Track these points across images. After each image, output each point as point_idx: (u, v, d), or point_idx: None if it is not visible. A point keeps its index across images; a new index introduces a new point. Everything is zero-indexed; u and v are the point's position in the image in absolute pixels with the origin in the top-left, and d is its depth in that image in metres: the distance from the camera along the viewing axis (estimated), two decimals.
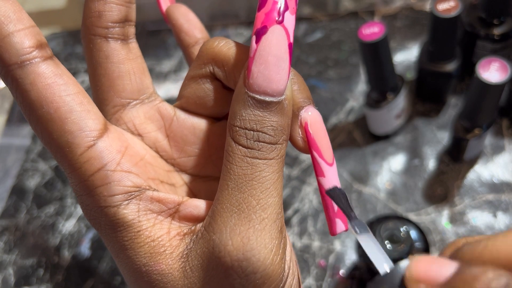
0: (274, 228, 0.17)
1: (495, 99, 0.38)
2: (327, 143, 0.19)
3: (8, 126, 0.57)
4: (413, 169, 0.46)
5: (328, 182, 0.18)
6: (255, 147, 0.17)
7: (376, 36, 0.38)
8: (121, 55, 0.20)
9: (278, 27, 0.17)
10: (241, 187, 0.17)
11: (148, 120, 0.21)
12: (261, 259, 0.17)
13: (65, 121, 0.17)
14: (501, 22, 0.44)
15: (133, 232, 0.18)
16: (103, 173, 0.17)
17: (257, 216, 0.17)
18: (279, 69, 0.17)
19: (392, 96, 0.43)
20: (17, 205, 0.50)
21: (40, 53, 0.17)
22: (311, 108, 0.18)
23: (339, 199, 0.18)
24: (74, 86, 0.17)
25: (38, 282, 0.45)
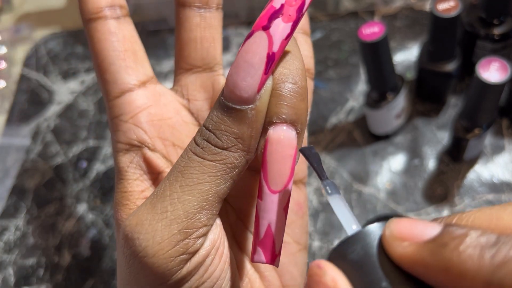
0: (174, 225, 0.16)
1: (495, 99, 0.38)
2: (282, 169, 0.17)
3: (8, 126, 0.57)
4: (413, 169, 0.46)
5: (263, 209, 0.17)
6: (200, 144, 0.17)
7: (376, 36, 0.38)
8: (193, 23, 0.21)
9: (261, 34, 0.16)
10: (170, 175, 0.17)
11: (201, 89, 0.22)
12: (142, 245, 0.16)
13: (105, 71, 0.20)
14: (501, 22, 0.44)
15: (119, 177, 0.21)
16: (117, 120, 0.21)
17: (162, 206, 0.17)
18: (247, 76, 0.16)
19: (392, 96, 0.43)
20: (17, 205, 0.50)
21: (108, 12, 0.20)
22: (286, 128, 0.17)
23: (312, 159, 0.17)
24: (125, 45, 0.20)
25: (38, 282, 0.45)
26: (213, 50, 0.22)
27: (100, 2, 0.20)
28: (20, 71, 0.62)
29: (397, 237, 0.14)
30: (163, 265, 0.16)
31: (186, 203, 0.17)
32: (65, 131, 0.55)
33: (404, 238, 0.13)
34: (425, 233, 0.13)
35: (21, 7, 0.69)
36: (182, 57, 0.22)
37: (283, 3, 0.16)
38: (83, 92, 0.58)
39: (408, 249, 0.13)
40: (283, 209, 0.17)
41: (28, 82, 0.60)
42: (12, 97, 0.60)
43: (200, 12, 0.21)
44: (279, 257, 0.17)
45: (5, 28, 0.66)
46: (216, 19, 0.22)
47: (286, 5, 0.16)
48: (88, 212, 0.48)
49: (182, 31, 0.21)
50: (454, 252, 0.12)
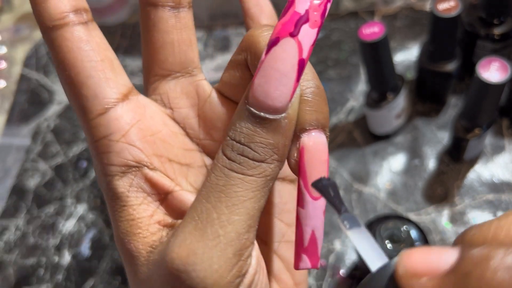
0: (228, 249, 0.16)
1: (495, 99, 0.38)
2: (320, 175, 0.17)
3: (8, 126, 0.57)
4: (413, 169, 0.46)
5: (306, 217, 0.17)
6: (236, 160, 0.16)
7: (376, 36, 0.38)
8: (168, 24, 0.20)
9: (290, 40, 0.16)
10: (209, 196, 0.16)
11: (184, 95, 0.21)
12: (200, 276, 0.16)
13: (82, 86, 0.18)
14: (501, 22, 0.44)
15: (120, 205, 0.18)
16: (106, 141, 0.18)
17: (212, 231, 0.16)
18: (280, 85, 0.16)
19: (392, 96, 0.43)
20: (17, 205, 0.50)
21: (74, 17, 0.17)
22: (317, 133, 0.17)
23: (326, 191, 0.17)
24: (100, 54, 0.18)
25: (38, 282, 0.45)
26: (191, 53, 0.20)
27: (63, 6, 0.17)
28: (20, 71, 0.62)
29: (413, 274, 0.12)
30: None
31: (236, 224, 0.16)
32: (65, 131, 0.55)
33: (421, 273, 0.12)
34: (441, 262, 0.12)
35: (21, 7, 0.69)
36: (157, 62, 0.20)
37: (307, 8, 0.16)
38: None
39: (428, 285, 0.12)
40: (323, 213, 0.17)
41: (28, 82, 0.60)
42: (12, 97, 0.60)
43: (174, 12, 0.20)
44: (320, 260, 0.18)
45: (5, 28, 0.66)
46: (191, 19, 0.20)
47: (311, 11, 0.16)
48: (88, 212, 0.48)
49: (155, 34, 0.20)
50: (482, 281, 0.11)
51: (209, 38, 0.59)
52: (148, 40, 0.20)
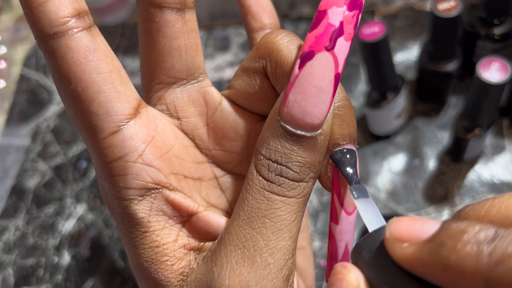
0: (279, 276, 0.15)
1: (496, 99, 0.38)
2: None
3: (8, 126, 0.57)
4: (414, 169, 0.46)
5: (341, 232, 0.17)
6: (275, 181, 0.16)
7: (376, 36, 0.38)
8: (175, 29, 0.18)
9: (326, 54, 0.15)
10: (252, 222, 0.16)
11: (191, 104, 0.19)
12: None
13: (91, 102, 0.16)
14: (502, 22, 0.43)
15: (141, 231, 0.17)
16: (122, 163, 0.16)
17: (262, 260, 0.15)
18: (318, 101, 0.15)
19: (392, 96, 0.43)
20: (16, 205, 0.50)
21: (77, 23, 0.15)
22: (349, 147, 0.17)
23: (341, 163, 0.16)
24: (108, 64, 0.16)
25: (37, 282, 0.45)
26: (197, 58, 0.19)
27: (65, 10, 0.15)
28: (19, 71, 0.62)
29: (396, 238, 0.13)
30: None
31: (283, 250, 0.16)
32: (65, 131, 0.55)
33: (403, 239, 0.13)
34: (423, 232, 0.13)
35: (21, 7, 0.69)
36: (163, 70, 0.18)
37: (341, 20, 0.15)
38: None
39: (407, 250, 0.13)
40: (354, 227, 0.17)
41: (28, 82, 0.60)
42: (12, 97, 0.60)
43: (181, 14, 0.18)
44: None
45: (4, 28, 0.66)
46: (195, 21, 0.19)
47: (345, 23, 0.15)
48: (88, 212, 0.48)
49: (161, 39, 0.18)
50: (452, 251, 0.12)
51: (209, 38, 0.58)
52: (152, 45, 0.18)
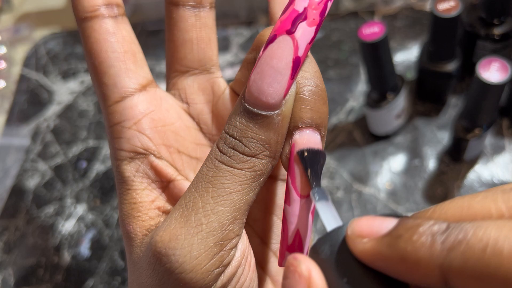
0: (210, 238, 0.16)
1: (495, 99, 0.38)
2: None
3: (8, 126, 0.57)
4: (413, 169, 0.46)
5: (292, 214, 0.17)
6: (227, 153, 0.17)
7: (376, 36, 0.38)
8: (188, 23, 0.20)
9: (287, 38, 0.16)
10: (198, 186, 0.17)
11: (200, 92, 0.21)
12: (179, 261, 0.16)
13: (103, 74, 0.19)
14: (501, 22, 0.43)
15: (125, 188, 0.19)
16: (119, 127, 0.19)
17: (196, 219, 0.16)
18: (274, 82, 0.16)
19: (392, 96, 0.43)
20: (16, 205, 0.50)
21: (104, 11, 0.19)
22: (311, 132, 0.17)
23: (305, 162, 0.17)
24: (124, 46, 0.19)
25: (37, 282, 0.45)
26: (209, 51, 0.21)
27: (96, 1, 0.19)
28: (19, 71, 0.62)
29: (357, 234, 0.14)
30: (201, 280, 0.16)
31: (219, 214, 0.16)
32: (65, 131, 0.55)
33: (364, 235, 0.14)
34: (382, 228, 0.14)
35: (21, 7, 0.69)
36: (177, 59, 0.21)
37: (306, 6, 0.16)
38: (82, 92, 0.58)
39: (367, 245, 0.14)
40: (311, 213, 0.17)
41: (28, 82, 0.60)
42: (12, 97, 0.60)
43: (195, 11, 0.21)
44: None
45: (5, 28, 0.66)
46: (211, 19, 0.21)
47: (309, 9, 0.16)
48: (88, 213, 0.48)
49: (176, 32, 0.21)
50: (408, 242, 0.13)
51: None
52: (170, 38, 0.21)
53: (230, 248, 0.17)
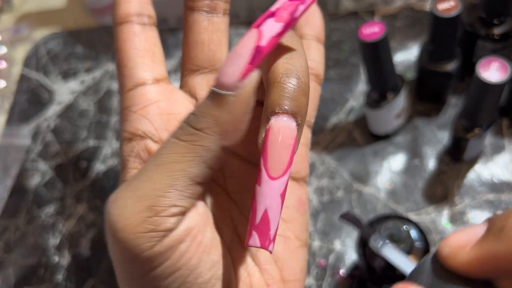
0: (142, 202, 0.17)
1: (495, 99, 0.38)
2: (282, 157, 0.17)
3: (8, 126, 0.57)
4: (413, 169, 0.46)
5: (261, 194, 0.17)
6: (180, 126, 0.18)
7: (376, 36, 0.38)
8: (201, 26, 0.22)
9: (253, 30, 0.17)
10: (151, 157, 0.18)
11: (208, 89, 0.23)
12: (114, 220, 0.17)
13: (124, 66, 0.22)
14: (501, 22, 0.44)
15: (121, 167, 0.21)
16: (127, 111, 0.21)
17: (133, 184, 0.18)
18: (233, 64, 0.17)
19: (392, 96, 0.43)
20: (17, 205, 0.50)
21: (136, 19, 0.22)
22: (287, 119, 0.17)
23: (355, 222, 0.18)
24: (145, 45, 0.22)
25: (38, 282, 0.45)
26: (219, 53, 0.23)
27: (129, 9, 0.22)
28: (20, 71, 0.62)
29: (457, 248, 0.14)
30: (132, 240, 0.17)
31: (154, 181, 0.17)
32: (65, 131, 0.55)
33: (463, 245, 0.14)
34: (477, 233, 0.14)
35: (21, 7, 0.69)
36: (189, 59, 0.23)
37: (279, 7, 0.18)
38: (83, 92, 0.58)
39: (472, 251, 0.13)
40: (280, 195, 0.18)
41: (28, 82, 0.60)
42: (12, 97, 0.60)
43: (208, 16, 0.22)
44: (274, 243, 0.18)
45: (5, 28, 0.66)
46: (223, 24, 0.23)
47: (281, 9, 0.18)
48: (88, 212, 0.48)
49: (190, 34, 0.22)
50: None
51: None
52: (185, 40, 0.23)
53: (166, 215, 0.17)
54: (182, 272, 0.18)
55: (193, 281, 0.18)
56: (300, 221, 0.24)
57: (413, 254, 0.35)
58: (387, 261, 0.34)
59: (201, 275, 0.18)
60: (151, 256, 0.17)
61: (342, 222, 0.18)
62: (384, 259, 0.34)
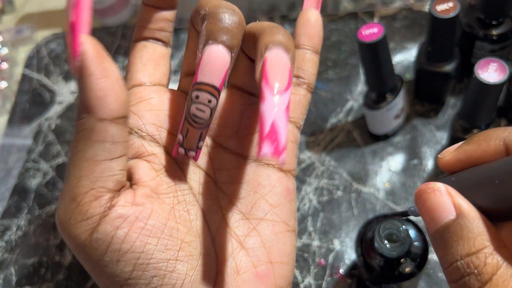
0: (66, 196, 0.19)
1: (494, 100, 0.38)
2: (282, 76, 0.19)
3: (10, 126, 0.57)
4: (412, 169, 0.46)
5: (266, 109, 0.18)
6: None
7: (375, 37, 0.38)
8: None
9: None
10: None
11: None
12: (56, 217, 0.19)
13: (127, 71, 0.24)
14: (500, 22, 0.44)
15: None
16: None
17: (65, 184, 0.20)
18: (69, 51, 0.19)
19: (391, 96, 0.43)
20: (18, 204, 0.51)
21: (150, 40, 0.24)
22: (280, 50, 0.19)
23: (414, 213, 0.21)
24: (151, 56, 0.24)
25: (39, 281, 0.45)
26: None
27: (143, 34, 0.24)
28: (21, 71, 0.62)
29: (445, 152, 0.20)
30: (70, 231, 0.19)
31: (70, 176, 0.19)
32: (66, 131, 0.55)
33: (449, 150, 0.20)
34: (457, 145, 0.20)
35: (23, 8, 0.69)
36: (187, 64, 0.24)
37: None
38: None
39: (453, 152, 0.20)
40: (285, 109, 0.19)
41: (30, 82, 0.61)
42: (14, 97, 0.60)
43: None
44: (285, 153, 0.18)
45: (7, 29, 0.66)
46: None
47: None
48: None
49: (191, 42, 0.24)
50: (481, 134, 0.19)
51: None
52: (186, 47, 0.25)
53: (88, 201, 0.19)
54: (130, 255, 0.19)
55: (146, 262, 0.19)
56: (287, 207, 0.25)
57: (411, 253, 0.35)
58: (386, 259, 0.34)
59: (153, 257, 0.19)
60: (92, 243, 0.19)
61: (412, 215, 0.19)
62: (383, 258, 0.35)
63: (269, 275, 0.23)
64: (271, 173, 0.24)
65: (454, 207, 0.18)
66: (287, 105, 0.19)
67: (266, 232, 0.23)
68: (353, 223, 0.44)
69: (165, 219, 0.21)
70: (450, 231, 0.17)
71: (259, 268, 0.23)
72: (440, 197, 0.18)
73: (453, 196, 0.18)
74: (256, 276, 0.23)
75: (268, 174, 0.24)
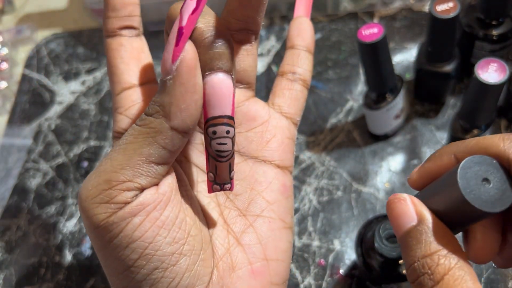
0: (102, 176, 0.19)
1: (494, 100, 0.38)
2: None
3: (10, 126, 0.57)
4: (412, 169, 0.46)
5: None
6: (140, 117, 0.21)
7: (375, 37, 0.38)
8: None
9: (178, 16, 0.19)
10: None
11: None
12: (80, 191, 0.20)
13: (112, 74, 0.24)
14: (500, 23, 0.44)
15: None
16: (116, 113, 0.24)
17: (100, 164, 0.20)
18: (166, 52, 0.19)
19: (391, 96, 0.43)
20: (18, 204, 0.51)
21: (122, 32, 0.24)
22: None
23: None
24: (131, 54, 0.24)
25: (39, 281, 0.45)
26: None
27: (117, 24, 0.24)
28: (21, 71, 0.62)
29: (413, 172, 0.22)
30: (91, 210, 0.19)
31: (113, 159, 0.20)
32: (66, 131, 0.55)
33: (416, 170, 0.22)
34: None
35: (23, 8, 0.69)
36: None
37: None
38: (84, 93, 0.58)
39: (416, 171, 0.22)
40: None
41: (30, 82, 0.61)
42: (14, 97, 0.60)
43: None
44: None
45: (6, 29, 0.66)
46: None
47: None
48: None
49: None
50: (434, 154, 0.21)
51: None
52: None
53: (121, 189, 0.19)
54: (139, 243, 0.19)
55: (152, 253, 0.20)
56: (284, 204, 0.25)
57: None
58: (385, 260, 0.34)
59: (160, 249, 0.20)
60: (107, 225, 0.19)
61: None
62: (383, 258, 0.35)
63: (264, 272, 0.23)
64: (268, 170, 0.24)
65: (416, 214, 0.19)
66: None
67: (263, 228, 0.24)
68: (353, 223, 0.44)
69: (178, 210, 0.21)
70: (411, 236, 0.19)
71: (255, 265, 0.23)
72: (405, 206, 0.20)
73: (416, 205, 0.20)
74: (251, 273, 0.23)
75: (264, 170, 0.24)
